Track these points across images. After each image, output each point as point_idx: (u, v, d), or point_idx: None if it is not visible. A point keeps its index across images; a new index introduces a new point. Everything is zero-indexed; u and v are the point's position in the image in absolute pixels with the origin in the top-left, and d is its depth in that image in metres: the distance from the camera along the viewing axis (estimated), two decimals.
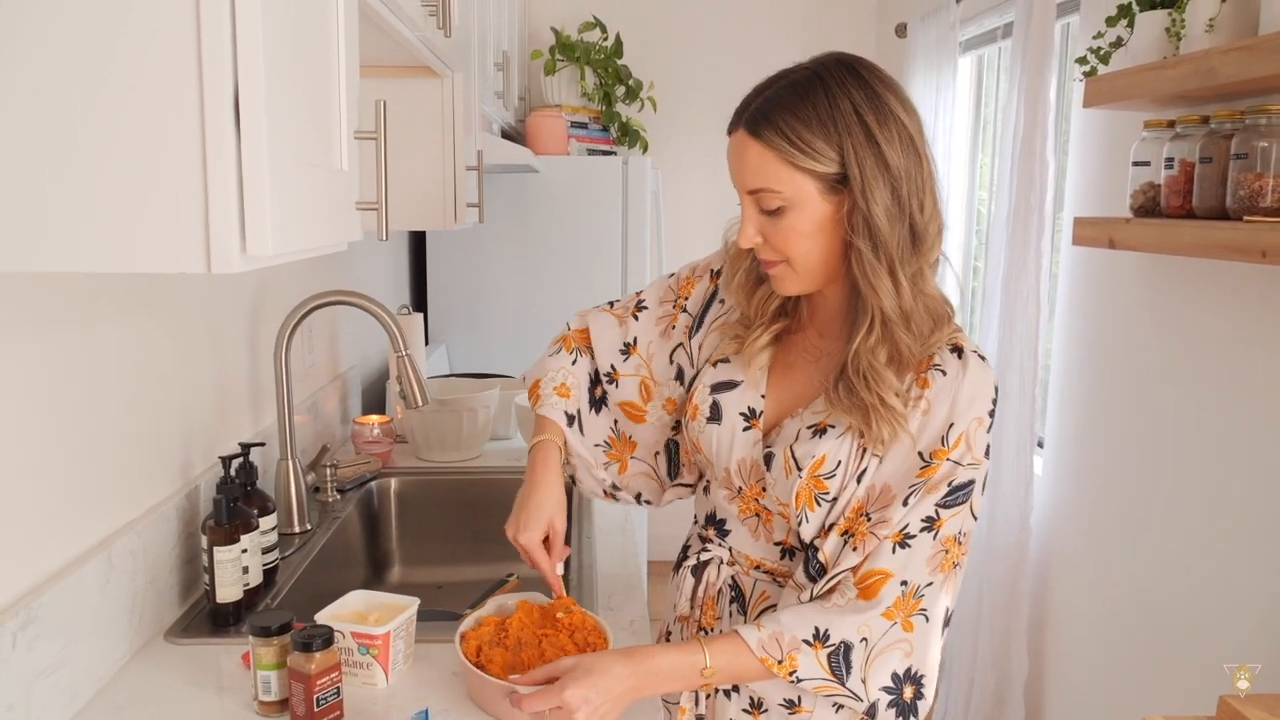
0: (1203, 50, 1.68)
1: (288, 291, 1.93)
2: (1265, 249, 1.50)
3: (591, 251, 3.38)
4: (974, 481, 1.13)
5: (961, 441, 1.12)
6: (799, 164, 1.08)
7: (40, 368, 1.11)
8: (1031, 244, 2.51)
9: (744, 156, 1.11)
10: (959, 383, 1.12)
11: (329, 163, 1.01)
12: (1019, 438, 2.59)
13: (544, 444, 1.33)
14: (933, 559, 1.12)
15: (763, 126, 1.09)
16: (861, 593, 1.12)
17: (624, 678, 1.08)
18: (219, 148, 0.76)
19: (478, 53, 2.42)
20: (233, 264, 0.78)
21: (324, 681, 1.09)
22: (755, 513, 1.24)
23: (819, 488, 1.14)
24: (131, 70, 0.74)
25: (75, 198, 0.75)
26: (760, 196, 1.11)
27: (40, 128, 0.74)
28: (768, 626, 1.12)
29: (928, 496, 1.12)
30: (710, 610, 1.29)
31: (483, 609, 1.26)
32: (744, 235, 1.14)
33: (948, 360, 1.14)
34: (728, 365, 1.26)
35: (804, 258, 1.13)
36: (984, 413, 1.13)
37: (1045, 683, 2.62)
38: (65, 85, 0.74)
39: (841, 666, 1.10)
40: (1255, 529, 1.81)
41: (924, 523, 1.12)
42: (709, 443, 1.26)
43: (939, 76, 3.19)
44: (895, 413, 1.10)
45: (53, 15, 0.73)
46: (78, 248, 0.76)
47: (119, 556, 1.24)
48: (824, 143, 1.07)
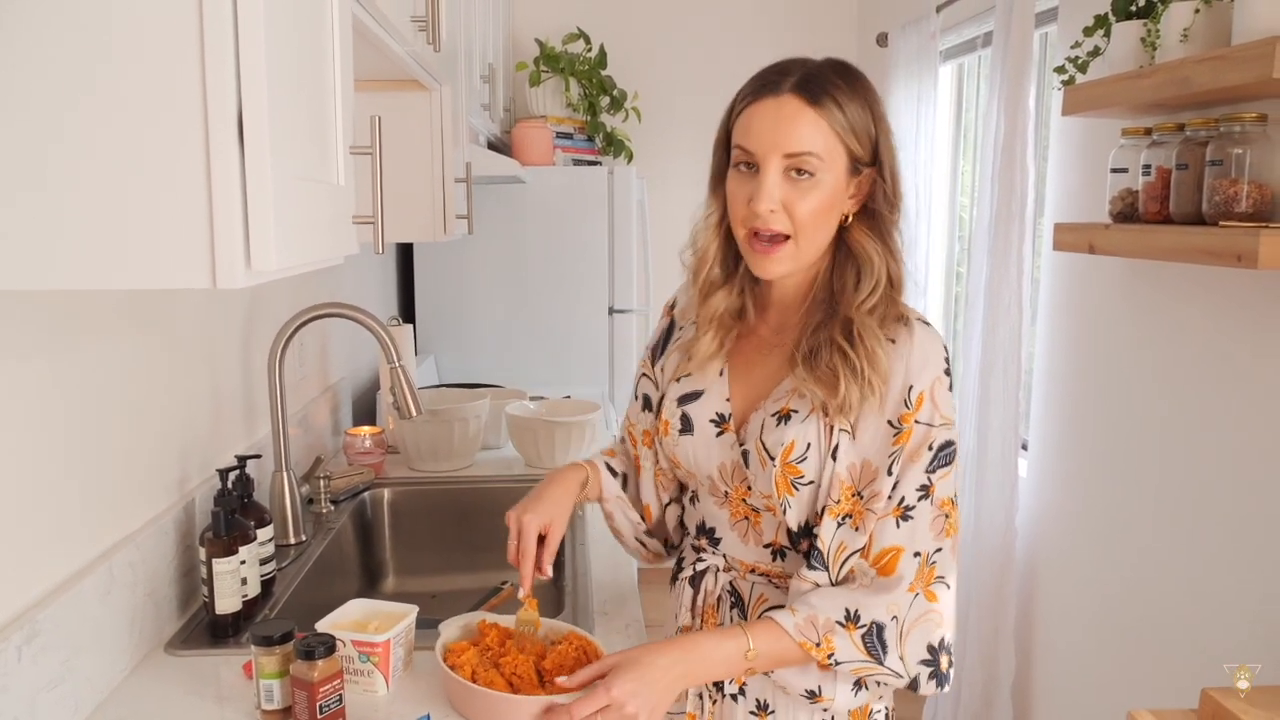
0: (1177, 60, 1.72)
1: (279, 305, 1.95)
2: (1241, 253, 1.54)
3: (578, 261, 3.40)
4: (953, 443, 1.18)
5: (925, 401, 1.16)
6: (844, 138, 1.16)
7: (39, 384, 1.12)
8: (1013, 250, 2.55)
9: (796, 119, 1.14)
10: (909, 348, 1.17)
11: (327, 177, 1.03)
12: (1003, 441, 2.62)
13: (574, 465, 1.40)
14: (935, 524, 1.16)
15: (820, 95, 1.14)
16: (880, 570, 1.15)
17: (669, 667, 1.10)
18: (223, 163, 0.78)
19: (464, 65, 2.44)
20: (237, 279, 0.80)
21: (327, 689, 1.10)
22: (744, 516, 1.26)
23: (794, 473, 1.18)
24: (136, 87, 0.76)
25: (82, 215, 0.77)
26: (801, 160, 1.14)
27: (47, 147, 0.76)
28: (800, 610, 1.14)
29: (913, 465, 1.16)
30: (711, 619, 1.30)
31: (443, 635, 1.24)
32: (764, 199, 1.15)
33: (897, 330, 1.19)
34: (690, 378, 1.30)
35: (814, 230, 1.18)
36: (940, 372, 1.18)
37: (1033, 683, 2.65)
38: (71, 105, 0.75)
39: (877, 647, 1.13)
40: (1238, 527, 1.85)
41: (919, 491, 1.16)
42: (686, 455, 1.29)
43: (920, 85, 3.23)
44: (879, 370, 1.15)
45: (59, 35, 0.74)
46: (86, 264, 0.78)
47: (119, 569, 1.25)
48: (862, 126, 1.17)
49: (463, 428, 2.22)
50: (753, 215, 1.16)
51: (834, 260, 1.23)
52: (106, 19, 0.74)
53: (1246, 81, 1.52)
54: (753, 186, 1.16)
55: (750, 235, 1.19)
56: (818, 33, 4.10)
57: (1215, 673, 1.86)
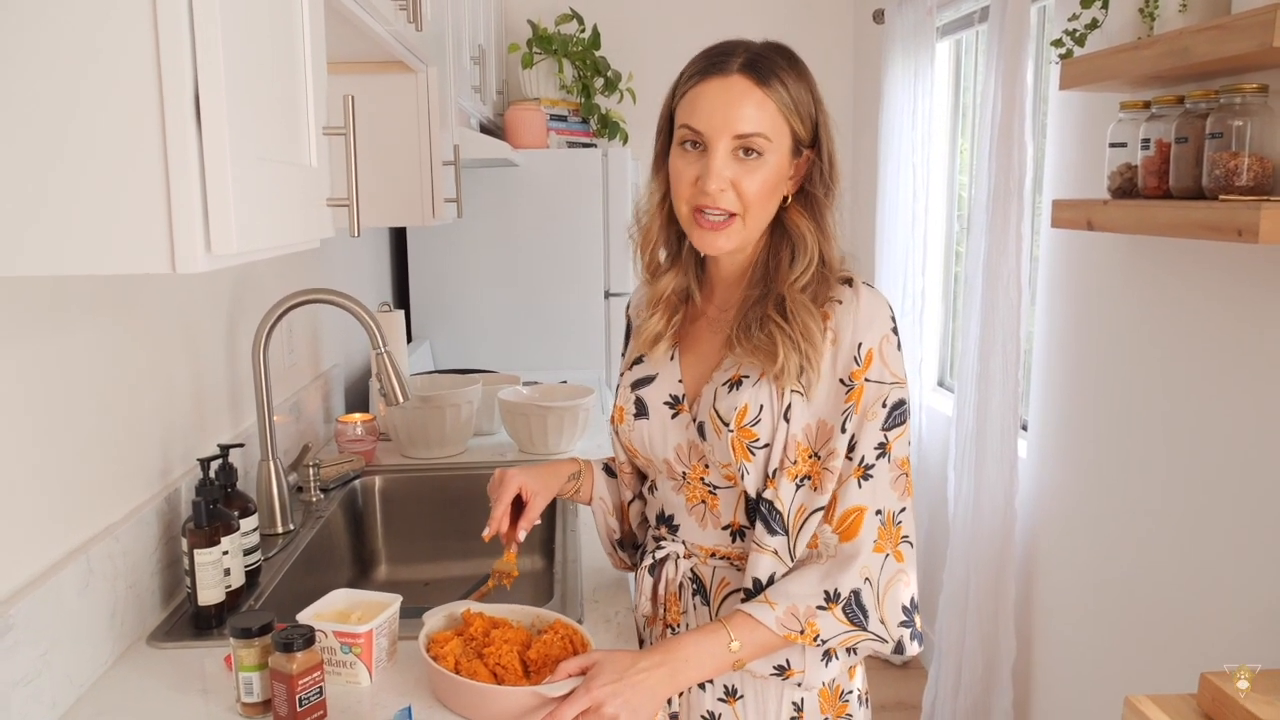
0: (1176, 30, 1.69)
1: (265, 290, 1.92)
2: (1241, 227, 1.51)
3: (574, 244, 3.37)
4: (905, 401, 1.19)
5: (874, 358, 1.18)
6: (790, 120, 1.17)
7: (11, 374, 1.10)
8: (1011, 227, 2.52)
9: (745, 99, 1.15)
10: (855, 307, 1.19)
11: (297, 159, 1.00)
12: (1003, 421, 2.60)
13: (571, 459, 1.46)
14: (896, 483, 1.19)
15: (768, 76, 1.15)
16: (842, 535, 1.17)
17: (650, 668, 1.10)
18: (180, 145, 0.75)
19: (453, 46, 2.40)
20: (197, 263, 0.77)
21: (306, 681, 1.08)
22: (701, 499, 1.27)
23: (748, 437, 1.19)
24: (86, 66, 0.73)
25: (33, 199, 0.74)
26: (750, 140, 1.15)
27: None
28: (780, 603, 1.14)
29: (869, 424, 1.17)
30: (674, 606, 1.29)
31: (427, 625, 1.23)
32: (713, 178, 1.15)
33: (842, 292, 1.21)
34: (641, 364, 1.32)
35: (761, 209, 1.19)
36: (888, 330, 1.20)
37: (1033, 664, 2.63)
38: (16, 81, 0.73)
39: (857, 614, 1.15)
40: (1239, 507, 1.83)
41: (877, 450, 1.18)
42: (641, 439, 1.30)
43: (917, 62, 3.19)
44: (814, 343, 1.16)
45: (5, 13, 0.72)
46: (39, 250, 0.75)
47: (98, 561, 1.23)
48: (805, 108, 1.19)
49: (454, 413, 2.19)
50: (700, 194, 1.17)
51: (770, 240, 1.25)
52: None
53: (1247, 51, 1.49)
54: (700, 166, 1.17)
55: (695, 212, 1.19)
56: (814, 10, 4.05)
57: (1215, 656, 1.85)
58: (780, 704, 1.24)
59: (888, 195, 3.44)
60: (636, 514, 1.43)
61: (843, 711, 1.26)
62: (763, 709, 1.25)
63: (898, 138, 3.36)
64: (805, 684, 1.21)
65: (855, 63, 4.06)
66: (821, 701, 1.25)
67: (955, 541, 2.82)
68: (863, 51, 3.98)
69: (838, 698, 1.26)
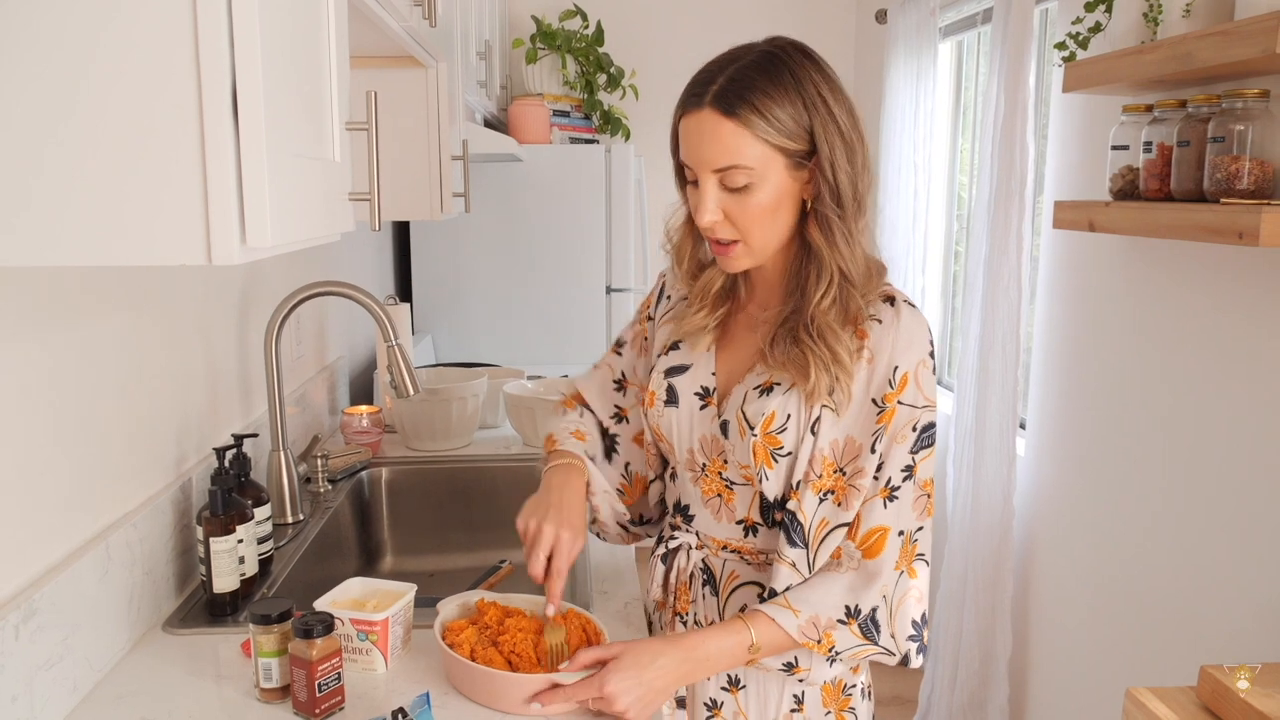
0: (1180, 35, 1.71)
1: (275, 283, 1.94)
2: (1242, 230, 1.53)
3: (576, 239, 3.39)
4: (934, 425, 1.20)
5: (909, 382, 1.17)
6: (772, 141, 1.10)
7: (35, 364, 1.12)
8: (1012, 228, 2.54)
9: (716, 134, 1.11)
10: (895, 328, 1.17)
11: (322, 154, 1.02)
12: (1001, 419, 2.62)
13: (565, 465, 1.32)
14: (917, 503, 1.19)
15: (737, 105, 1.10)
16: (865, 552, 1.17)
17: (670, 668, 1.12)
18: (218, 140, 0.77)
19: (460, 42, 2.42)
20: (233, 255, 0.79)
21: (325, 667, 1.10)
22: (718, 492, 1.27)
23: (773, 444, 1.19)
24: (131, 66, 0.75)
25: (80, 193, 0.76)
26: (729, 174, 1.12)
27: (45, 126, 0.75)
28: (804, 611, 1.16)
29: (898, 446, 1.17)
30: (684, 595, 1.31)
31: (442, 614, 1.25)
32: (705, 213, 1.14)
33: (882, 310, 1.19)
34: (678, 351, 1.31)
35: (763, 234, 1.16)
36: (925, 354, 1.19)
37: (1029, 660, 2.66)
38: (68, 84, 0.75)
39: (872, 630, 1.17)
40: (1236, 506, 1.85)
41: (904, 472, 1.18)
42: (669, 427, 1.29)
43: (919, 62, 3.21)
44: (844, 366, 1.15)
45: (56, 14, 0.73)
46: (84, 242, 0.77)
47: (116, 549, 1.25)
48: (794, 121, 1.11)
49: (460, 407, 2.21)
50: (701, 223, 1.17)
51: (798, 248, 1.21)
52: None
53: (1250, 57, 1.51)
54: (697, 198, 1.16)
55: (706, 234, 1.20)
56: (816, 9, 4.07)
57: (1211, 651, 1.87)
58: (781, 695, 1.27)
59: (889, 194, 3.46)
60: (655, 494, 1.40)
61: (845, 705, 1.28)
62: (764, 700, 1.27)
63: (899, 137, 3.38)
64: (809, 680, 1.23)
65: (857, 62, 4.08)
66: (824, 695, 1.27)
67: (953, 537, 2.85)
68: (865, 52, 4.00)
69: (840, 691, 1.28)
